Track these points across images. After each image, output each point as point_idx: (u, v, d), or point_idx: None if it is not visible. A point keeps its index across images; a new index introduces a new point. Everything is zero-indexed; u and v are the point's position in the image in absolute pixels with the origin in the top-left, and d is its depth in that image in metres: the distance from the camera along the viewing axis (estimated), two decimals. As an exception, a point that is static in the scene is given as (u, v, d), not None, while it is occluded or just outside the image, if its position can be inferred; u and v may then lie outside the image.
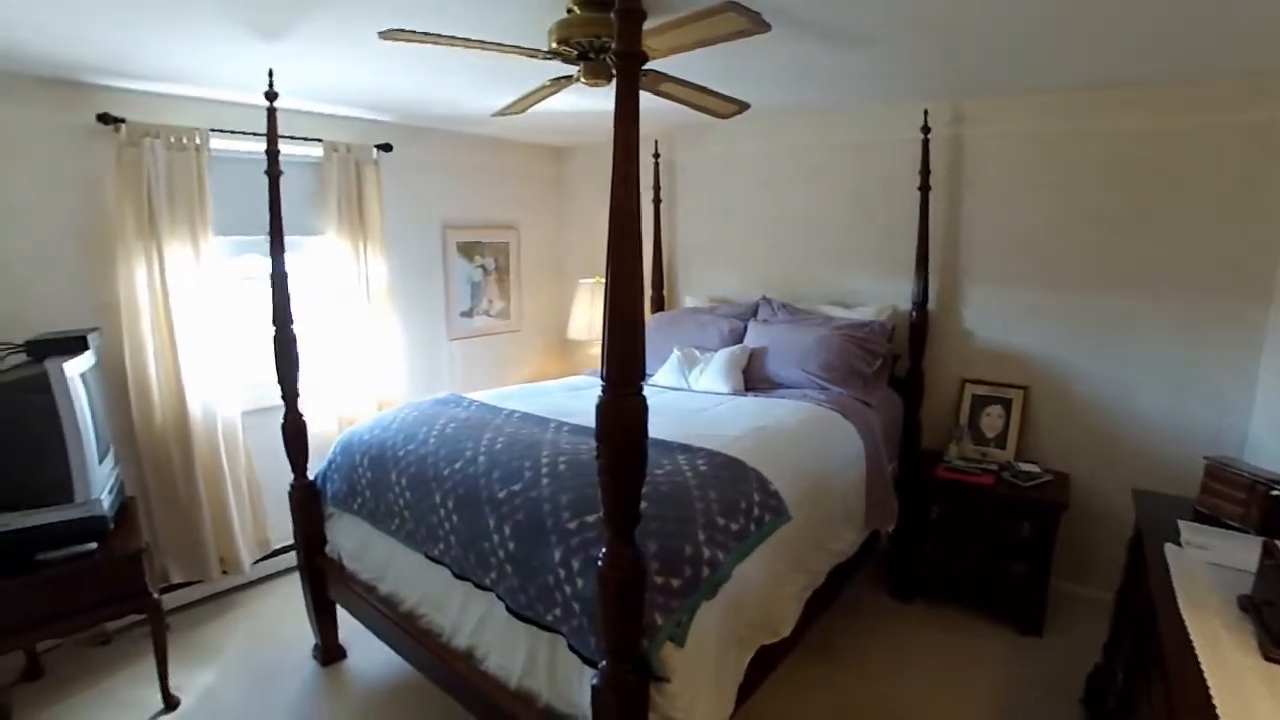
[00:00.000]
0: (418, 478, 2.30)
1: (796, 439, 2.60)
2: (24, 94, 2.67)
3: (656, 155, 4.27)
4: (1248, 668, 1.31)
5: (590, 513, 1.80)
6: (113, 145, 2.84)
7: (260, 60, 2.47)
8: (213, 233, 3.12)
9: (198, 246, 3.07)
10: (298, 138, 3.38)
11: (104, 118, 2.80)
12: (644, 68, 1.60)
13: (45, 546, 2.29)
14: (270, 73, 2.37)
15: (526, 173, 4.84)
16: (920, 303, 3.38)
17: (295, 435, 2.70)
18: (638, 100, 1.25)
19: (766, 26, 1.73)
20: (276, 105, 2.41)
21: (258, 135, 3.13)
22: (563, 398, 3.11)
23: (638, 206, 1.28)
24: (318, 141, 3.50)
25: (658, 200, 4.32)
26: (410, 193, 4.06)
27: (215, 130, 3.11)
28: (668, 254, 4.49)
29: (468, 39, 1.89)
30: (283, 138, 2.56)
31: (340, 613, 2.78)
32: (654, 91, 2.29)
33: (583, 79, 2.11)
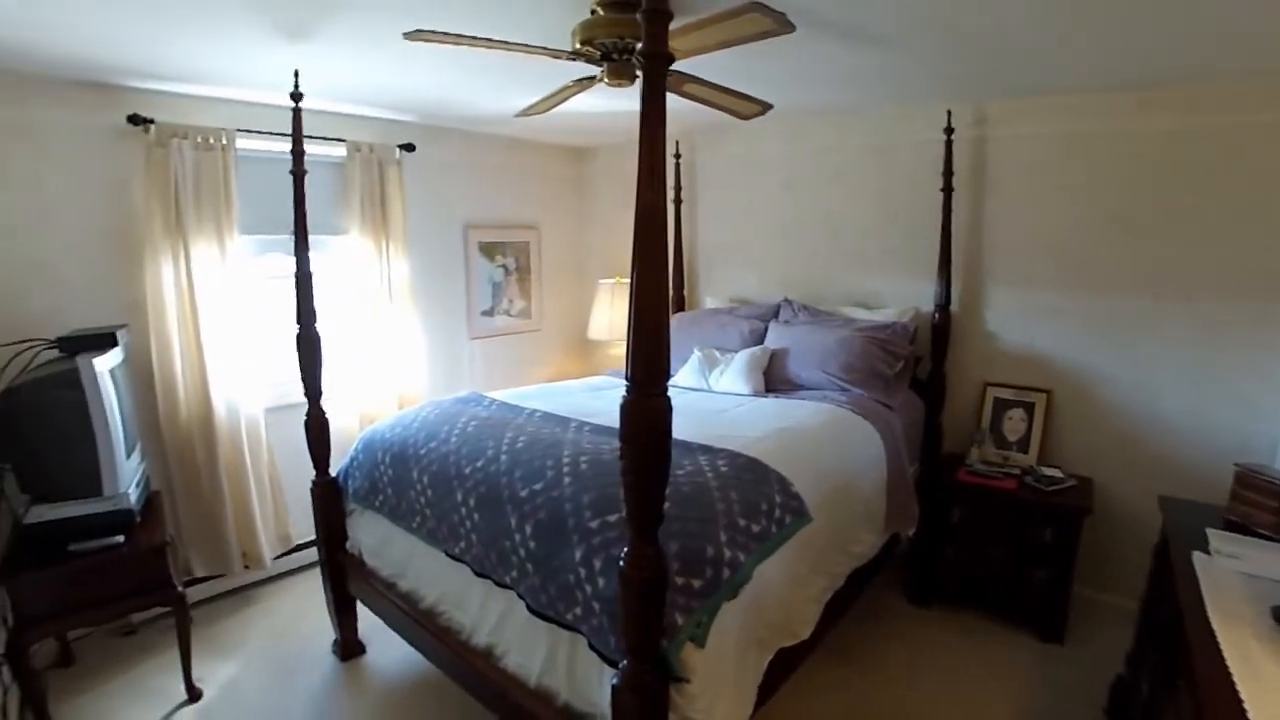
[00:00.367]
0: (439, 476, 2.31)
1: (818, 441, 2.59)
2: (58, 96, 2.72)
3: (678, 155, 4.27)
4: (1282, 680, 1.28)
5: (612, 512, 1.81)
6: (142, 146, 2.89)
7: (286, 61, 2.50)
8: (238, 231, 3.16)
9: (223, 245, 3.11)
10: (322, 138, 3.41)
11: (134, 119, 2.85)
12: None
13: (76, 538, 2.33)
14: (296, 73, 2.40)
15: (547, 173, 4.86)
16: (942, 304, 3.36)
17: (318, 432, 2.72)
18: (664, 102, 1.26)
19: (791, 27, 1.72)
20: (301, 106, 2.44)
21: (283, 135, 3.15)
22: (584, 397, 3.12)
23: (664, 207, 1.28)
24: (341, 141, 3.53)
25: (678, 201, 4.32)
26: (432, 192, 4.09)
27: (241, 130, 3.15)
28: (688, 255, 4.49)
29: (491, 40, 1.90)
30: (307, 138, 2.58)
31: (360, 608, 2.81)
32: (677, 92, 2.29)
33: (606, 80, 2.11)
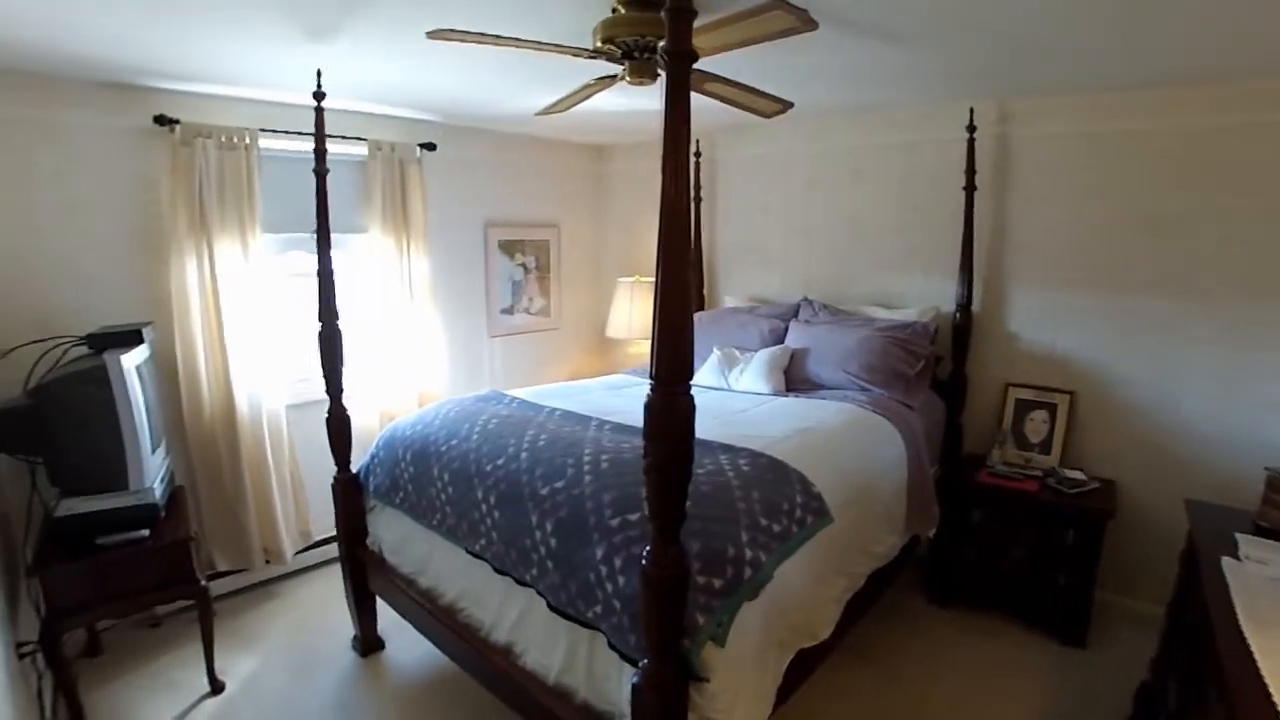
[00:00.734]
0: (460, 473, 2.32)
1: (839, 441, 2.58)
2: (88, 98, 2.77)
3: (697, 154, 4.26)
4: (1317, 688, 1.26)
5: (633, 511, 1.81)
6: (167, 145, 2.93)
7: (309, 61, 2.52)
8: (261, 230, 3.19)
9: (246, 243, 3.14)
10: (343, 137, 3.44)
11: (160, 119, 2.89)
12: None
13: (103, 531, 2.37)
14: (319, 73, 2.42)
15: (567, 172, 4.86)
16: (964, 304, 3.32)
17: (339, 429, 2.74)
18: (689, 100, 1.25)
19: (814, 24, 1.71)
20: (324, 105, 2.45)
21: (305, 135, 3.20)
22: (603, 396, 3.13)
23: (689, 205, 1.28)
24: (363, 140, 3.55)
25: (698, 199, 4.31)
26: (453, 191, 4.11)
27: (264, 130, 3.18)
28: (708, 254, 4.48)
29: (513, 38, 1.91)
30: (329, 137, 2.60)
31: (380, 604, 2.83)
32: (698, 90, 2.28)
33: (628, 78, 2.11)
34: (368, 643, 2.90)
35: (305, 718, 2.53)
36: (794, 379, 3.36)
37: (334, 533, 2.91)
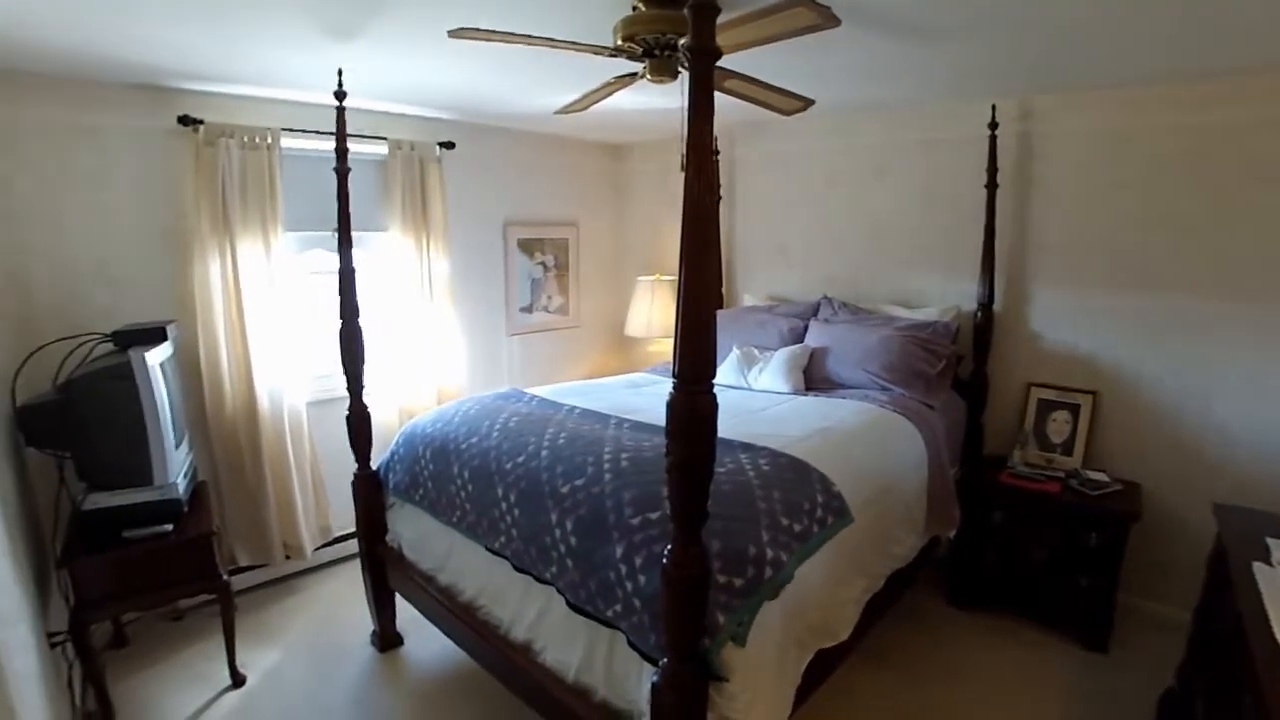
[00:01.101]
0: (480, 471, 2.33)
1: (859, 440, 2.56)
2: (115, 100, 2.82)
3: (716, 152, 4.24)
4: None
5: (653, 509, 1.81)
6: (191, 145, 2.96)
7: (331, 61, 2.53)
8: (282, 228, 3.21)
9: (268, 242, 3.17)
10: (364, 136, 3.46)
11: (184, 119, 2.92)
12: (714, 64, 1.59)
13: (129, 525, 2.40)
14: (340, 73, 2.44)
15: (586, 170, 4.86)
16: (986, 303, 3.29)
17: (359, 426, 2.76)
18: (712, 98, 1.25)
19: (836, 21, 1.70)
20: (345, 104, 2.47)
21: (326, 134, 3.22)
22: (623, 394, 3.13)
23: (713, 202, 1.27)
24: (383, 139, 3.57)
25: (718, 198, 4.29)
26: (472, 190, 4.12)
27: (286, 129, 3.20)
28: (726, 252, 4.46)
29: (533, 37, 1.91)
30: (350, 136, 2.61)
31: (399, 601, 2.85)
32: (719, 88, 2.27)
33: (649, 76, 2.10)
34: (386, 638, 2.92)
35: (324, 711, 2.56)
36: (814, 378, 3.34)
37: (353, 529, 2.93)
